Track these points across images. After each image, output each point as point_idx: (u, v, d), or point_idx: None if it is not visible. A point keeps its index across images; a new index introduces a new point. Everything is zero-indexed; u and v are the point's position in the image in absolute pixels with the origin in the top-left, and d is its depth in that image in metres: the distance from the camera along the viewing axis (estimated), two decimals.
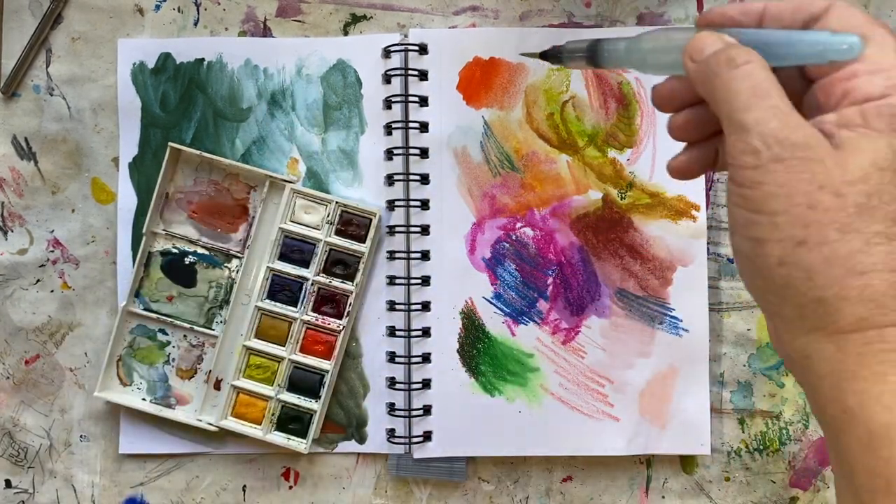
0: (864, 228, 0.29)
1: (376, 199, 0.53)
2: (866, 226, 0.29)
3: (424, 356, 0.53)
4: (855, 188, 0.29)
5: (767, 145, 0.30)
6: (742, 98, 0.31)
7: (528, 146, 0.53)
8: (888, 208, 0.29)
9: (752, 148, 0.30)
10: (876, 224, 0.29)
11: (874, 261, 0.29)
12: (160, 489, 0.54)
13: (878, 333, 0.29)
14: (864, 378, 0.29)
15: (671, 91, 0.36)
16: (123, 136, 0.53)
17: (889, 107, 0.30)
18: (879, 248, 0.29)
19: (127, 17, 0.53)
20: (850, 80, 0.31)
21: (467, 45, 0.53)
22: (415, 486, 0.54)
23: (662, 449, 0.53)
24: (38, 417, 0.54)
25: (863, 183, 0.29)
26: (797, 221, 0.30)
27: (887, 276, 0.29)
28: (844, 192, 0.29)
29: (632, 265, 0.53)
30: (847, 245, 0.29)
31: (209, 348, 0.54)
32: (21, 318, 0.54)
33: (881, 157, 0.30)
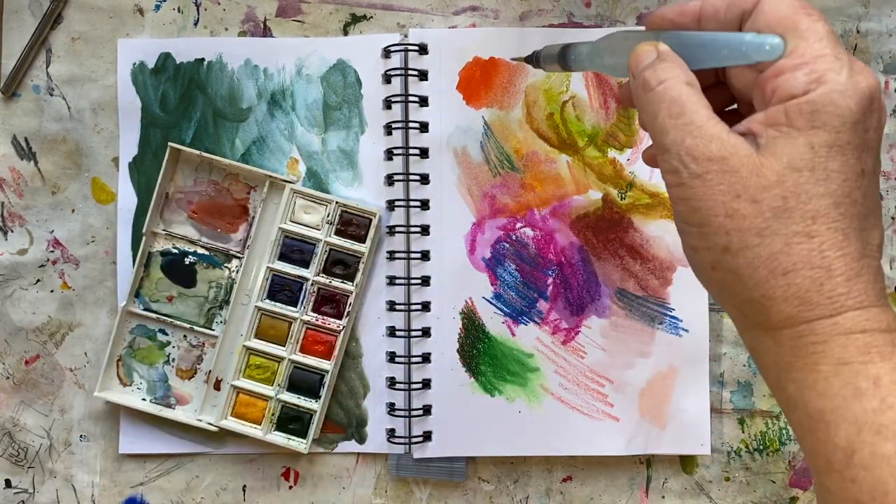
0: (782, 230, 0.30)
1: (376, 199, 0.53)
2: (784, 227, 0.30)
3: (424, 356, 0.53)
4: (770, 193, 0.30)
5: (684, 164, 0.31)
6: (658, 121, 0.32)
7: (528, 146, 0.53)
8: (806, 207, 0.30)
9: (672, 167, 0.32)
10: (794, 224, 0.30)
11: (794, 260, 0.30)
12: (160, 489, 0.54)
13: (807, 327, 0.31)
14: (800, 368, 0.31)
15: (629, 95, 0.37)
16: (123, 136, 0.53)
17: (809, 104, 0.30)
18: (800, 247, 0.30)
19: (127, 17, 0.53)
20: (777, 78, 0.31)
21: (467, 45, 0.53)
22: (415, 486, 0.54)
23: (662, 449, 0.53)
24: (38, 417, 0.54)
25: (778, 187, 0.30)
26: (719, 231, 0.31)
27: (809, 273, 0.30)
28: (760, 198, 0.30)
29: (632, 265, 0.53)
30: (767, 248, 0.31)
31: (209, 348, 0.54)
32: (21, 318, 0.54)
33: (797, 158, 0.30)
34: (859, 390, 0.30)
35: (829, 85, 0.30)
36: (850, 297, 0.30)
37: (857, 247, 0.31)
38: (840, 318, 0.30)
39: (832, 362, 0.30)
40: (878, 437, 0.29)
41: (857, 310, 0.30)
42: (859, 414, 0.30)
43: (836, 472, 0.30)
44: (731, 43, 0.32)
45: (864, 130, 0.31)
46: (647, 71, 0.33)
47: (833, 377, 0.30)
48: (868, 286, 0.31)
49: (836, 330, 0.30)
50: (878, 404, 0.29)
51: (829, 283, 0.30)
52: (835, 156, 0.30)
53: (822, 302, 0.30)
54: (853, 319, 0.30)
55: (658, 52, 0.34)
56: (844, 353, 0.30)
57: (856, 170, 0.31)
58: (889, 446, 0.29)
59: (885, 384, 0.30)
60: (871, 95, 0.31)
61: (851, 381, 0.30)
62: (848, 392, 0.30)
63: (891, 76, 0.53)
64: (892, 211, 0.53)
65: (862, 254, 0.31)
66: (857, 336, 0.30)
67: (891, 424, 0.29)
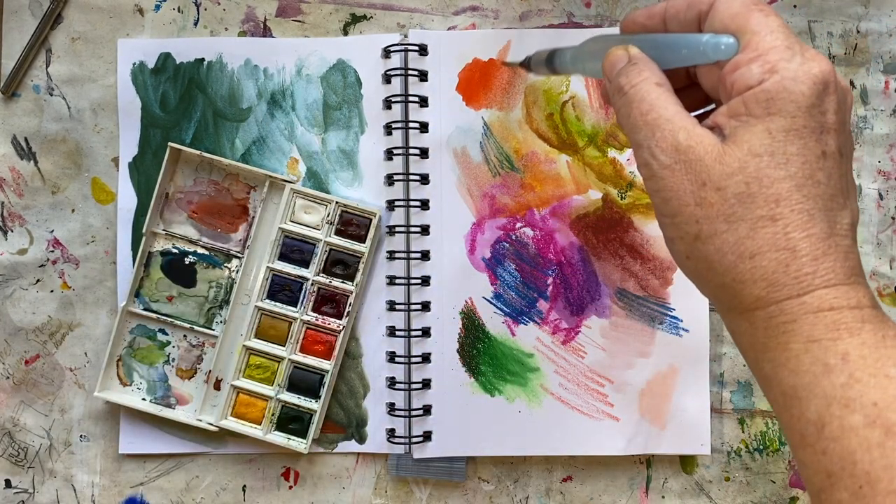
0: (747, 215, 0.32)
1: (376, 199, 0.53)
2: (749, 212, 0.32)
3: (424, 356, 0.53)
4: (733, 179, 0.32)
5: (654, 156, 0.33)
6: (630, 120, 0.34)
7: (527, 146, 0.53)
8: (769, 191, 0.31)
9: (644, 161, 0.33)
10: (758, 209, 0.31)
11: (760, 244, 0.32)
12: (160, 489, 0.54)
13: (777, 308, 0.32)
14: (772, 348, 0.32)
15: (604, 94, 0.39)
16: (123, 136, 0.53)
17: (764, 92, 0.31)
18: (764, 230, 0.31)
19: (127, 17, 0.53)
20: (734, 72, 0.32)
21: (467, 45, 0.53)
22: (415, 486, 0.54)
23: (662, 449, 0.53)
24: (38, 417, 0.54)
25: (740, 173, 0.31)
26: (690, 219, 0.33)
27: (775, 256, 0.31)
28: (724, 186, 0.32)
29: (632, 265, 0.53)
30: (735, 233, 0.32)
31: (209, 348, 0.54)
32: (21, 318, 0.54)
33: (757, 144, 0.31)
34: (828, 366, 0.31)
35: (781, 73, 0.31)
36: (817, 276, 0.31)
37: (823, 227, 0.32)
38: (808, 297, 0.31)
39: (802, 340, 0.31)
40: (845, 409, 0.30)
41: (824, 288, 0.31)
42: (828, 389, 0.31)
43: (809, 446, 0.31)
44: (690, 43, 0.34)
45: (821, 113, 0.32)
46: (620, 77, 0.35)
47: (803, 354, 0.31)
48: (836, 264, 0.31)
49: (803, 309, 0.31)
50: (845, 379, 0.30)
51: (794, 264, 0.31)
52: (793, 139, 0.31)
53: (788, 283, 0.31)
54: (821, 298, 0.31)
55: (629, 56, 0.35)
56: (813, 330, 0.31)
57: (815, 152, 0.32)
58: (856, 418, 0.30)
59: (852, 359, 0.31)
60: (825, 80, 0.32)
61: (820, 358, 0.31)
62: (817, 368, 0.31)
63: (891, 76, 0.53)
64: (892, 211, 0.53)
65: (829, 233, 0.32)
66: (826, 314, 0.31)
67: (858, 397, 0.30)
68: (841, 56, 0.53)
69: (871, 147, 0.53)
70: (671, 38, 0.35)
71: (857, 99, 0.53)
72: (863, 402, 0.30)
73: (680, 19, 0.35)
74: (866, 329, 0.31)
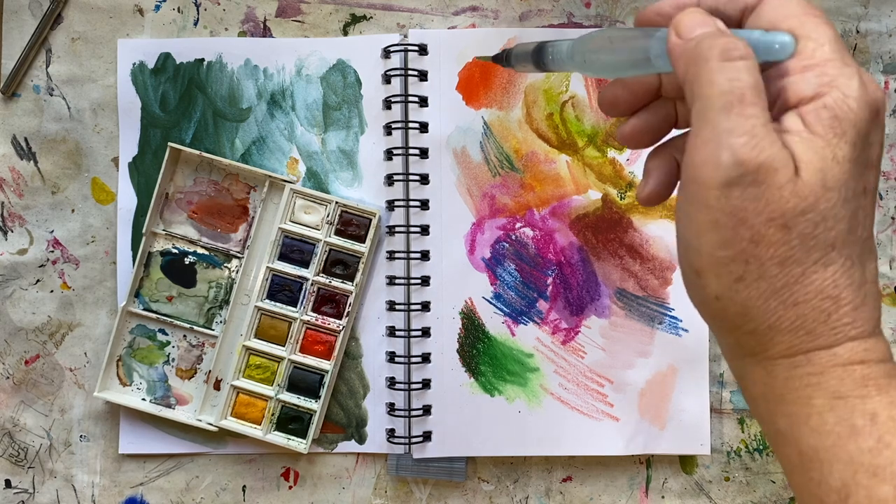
0: (804, 259, 0.28)
1: (376, 199, 0.53)
2: (806, 256, 0.28)
3: (424, 356, 0.53)
4: (804, 217, 0.28)
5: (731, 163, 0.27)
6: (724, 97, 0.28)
7: (527, 146, 0.53)
8: (829, 234, 0.28)
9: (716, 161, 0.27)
10: (815, 253, 0.28)
11: (808, 290, 0.28)
12: (160, 489, 0.54)
13: (805, 358, 0.29)
14: (791, 402, 0.29)
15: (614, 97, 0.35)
16: (123, 136, 0.53)
17: (826, 109, 0.28)
18: (815, 276, 0.28)
19: (127, 17, 0.53)
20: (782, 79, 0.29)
21: (467, 45, 0.53)
22: (415, 486, 0.54)
23: (662, 449, 0.53)
24: (38, 417, 0.54)
25: (813, 211, 0.28)
26: (739, 256, 0.28)
27: (818, 304, 0.28)
28: (792, 224, 0.28)
29: (631, 265, 0.53)
30: (785, 278, 0.28)
31: (209, 348, 0.54)
32: (21, 318, 0.54)
33: (830, 175, 0.28)
34: (855, 428, 0.28)
35: (843, 91, 0.28)
36: (853, 327, 0.29)
37: (861, 273, 0.29)
38: (839, 348, 0.29)
39: (827, 396, 0.29)
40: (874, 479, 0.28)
41: (856, 340, 0.29)
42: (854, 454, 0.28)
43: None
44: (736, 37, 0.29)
45: (870, 145, 0.29)
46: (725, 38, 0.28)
47: (827, 412, 0.29)
48: (870, 314, 0.29)
49: (833, 361, 0.29)
50: (874, 443, 0.28)
51: (836, 314, 0.29)
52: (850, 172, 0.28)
53: (824, 332, 0.29)
54: (852, 350, 0.29)
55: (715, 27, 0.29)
56: (840, 386, 0.29)
57: (859, 189, 0.28)
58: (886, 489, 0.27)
59: (881, 421, 0.28)
60: (879, 108, 0.28)
61: (847, 418, 0.28)
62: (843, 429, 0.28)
63: (891, 76, 0.53)
64: (892, 211, 0.53)
65: (863, 280, 0.29)
66: (855, 368, 0.29)
67: (887, 465, 0.27)
68: None
69: None
70: None
71: None
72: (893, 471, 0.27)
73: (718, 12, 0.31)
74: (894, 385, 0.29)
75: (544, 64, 0.38)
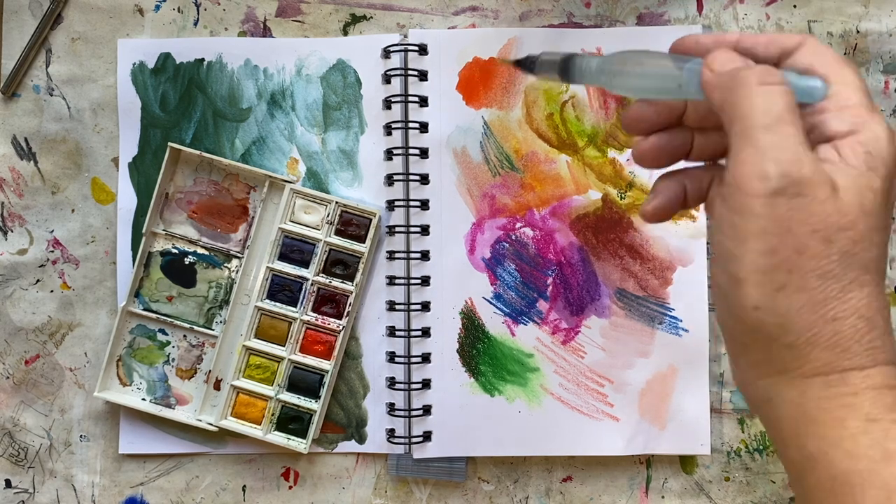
0: (842, 275, 0.29)
1: (376, 199, 0.53)
2: (845, 273, 0.29)
3: (424, 356, 0.53)
4: (845, 234, 0.29)
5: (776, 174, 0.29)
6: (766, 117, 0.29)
7: (527, 146, 0.53)
8: (867, 255, 0.30)
9: (762, 172, 0.29)
10: (853, 271, 0.30)
11: (846, 307, 0.29)
12: (160, 489, 0.54)
13: (839, 377, 0.30)
14: (825, 423, 0.30)
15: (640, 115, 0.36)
16: (123, 136, 0.53)
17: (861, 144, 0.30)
18: (852, 294, 0.30)
19: (127, 17, 0.53)
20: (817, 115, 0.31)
21: (467, 45, 0.53)
22: (415, 486, 0.54)
23: (662, 449, 0.53)
24: (38, 417, 0.54)
25: (852, 229, 0.29)
26: (782, 265, 0.29)
27: (854, 322, 0.30)
28: (834, 239, 0.29)
29: (631, 265, 0.53)
30: (824, 292, 0.29)
31: (209, 348, 0.54)
32: (21, 318, 0.54)
33: (868, 202, 0.30)
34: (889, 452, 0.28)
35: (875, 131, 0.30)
36: (884, 351, 0.30)
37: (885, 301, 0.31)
38: (874, 370, 0.30)
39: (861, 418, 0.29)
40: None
41: (888, 364, 0.30)
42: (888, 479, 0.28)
43: None
44: None
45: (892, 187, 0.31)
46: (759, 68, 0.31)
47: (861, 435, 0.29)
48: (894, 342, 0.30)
49: (867, 383, 0.29)
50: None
51: (870, 335, 0.30)
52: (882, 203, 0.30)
53: (860, 352, 0.30)
54: (885, 374, 0.30)
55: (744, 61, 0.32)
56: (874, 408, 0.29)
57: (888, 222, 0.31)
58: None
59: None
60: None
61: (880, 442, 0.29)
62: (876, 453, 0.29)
63: (891, 76, 0.53)
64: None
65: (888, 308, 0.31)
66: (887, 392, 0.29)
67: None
68: None
69: None
70: None
71: None
72: None
73: (757, 53, 0.33)
74: None
75: (570, 76, 0.38)
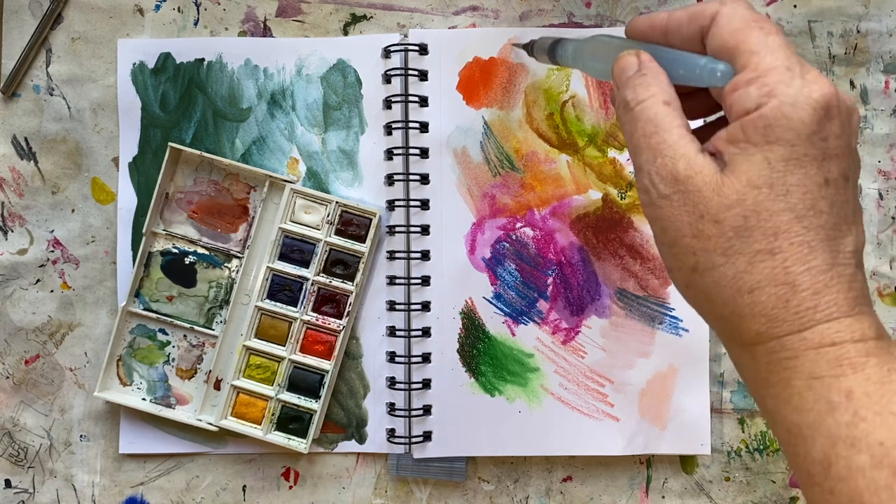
0: (745, 249, 0.31)
1: (376, 199, 0.53)
2: (747, 246, 0.31)
3: (424, 356, 0.53)
4: (731, 212, 0.31)
5: (654, 183, 0.32)
6: (634, 140, 0.33)
7: (528, 146, 0.53)
8: (767, 225, 0.30)
9: (643, 186, 0.32)
10: (756, 243, 0.31)
11: (758, 278, 0.31)
12: (160, 489, 0.54)
13: (777, 343, 0.31)
14: (774, 384, 0.32)
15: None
16: (123, 136, 0.53)
17: (762, 118, 0.30)
18: (763, 265, 0.31)
19: (127, 17, 0.53)
20: (733, 94, 0.31)
21: (467, 45, 0.53)
22: (415, 486, 0.54)
23: (662, 449, 0.53)
24: (38, 417, 0.54)
25: (738, 206, 0.31)
26: (687, 251, 0.32)
27: (774, 291, 0.31)
28: (722, 218, 0.31)
29: (632, 265, 0.53)
30: (732, 267, 0.31)
31: (209, 348, 0.54)
32: (21, 318, 0.54)
33: (756, 175, 0.30)
34: (832, 404, 0.30)
35: (780, 98, 0.30)
36: (818, 311, 0.30)
37: (825, 258, 0.31)
38: (808, 332, 0.31)
39: (804, 377, 0.31)
40: (851, 449, 0.29)
41: (826, 322, 0.30)
42: (833, 428, 0.30)
43: (817, 485, 0.30)
44: (687, 64, 0.33)
45: (823, 140, 0.30)
46: (627, 90, 0.33)
47: (806, 392, 0.31)
48: (839, 296, 0.31)
49: (804, 345, 0.31)
50: (850, 417, 0.30)
51: (794, 299, 0.30)
52: (792, 169, 0.30)
53: (788, 318, 0.31)
54: (822, 333, 0.30)
55: (640, 64, 0.34)
56: (815, 367, 0.30)
57: (817, 181, 0.31)
58: (862, 458, 0.29)
59: (857, 397, 0.30)
60: (826, 104, 0.30)
61: (824, 396, 0.30)
62: (821, 406, 0.30)
63: (891, 76, 0.53)
64: (892, 211, 0.53)
65: (831, 264, 0.31)
66: (828, 349, 0.30)
67: (863, 437, 0.29)
68: (841, 56, 0.53)
69: (871, 147, 0.53)
70: (669, 55, 0.33)
71: (857, 99, 0.53)
72: (868, 442, 0.29)
73: (682, 33, 0.34)
74: (871, 363, 0.30)
75: (557, 59, 0.41)
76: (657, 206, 0.32)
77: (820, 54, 0.53)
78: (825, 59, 0.53)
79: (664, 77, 0.33)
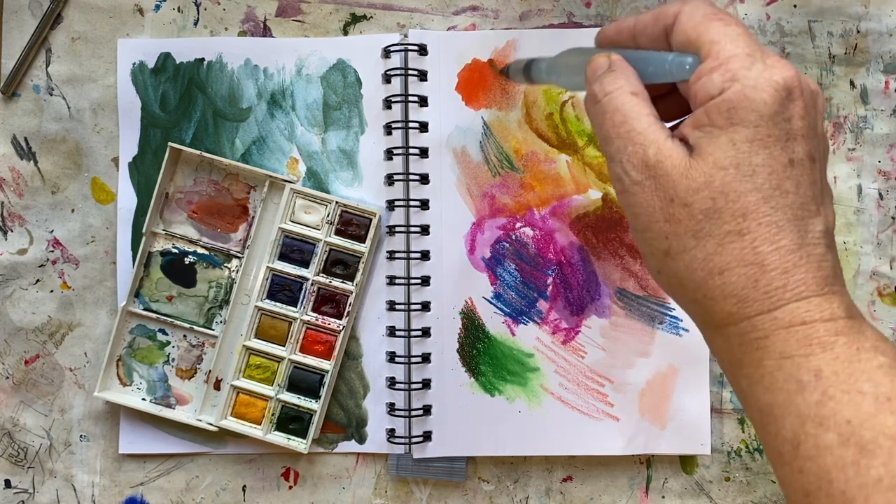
0: (714, 231, 0.31)
1: (376, 199, 0.53)
2: (716, 228, 0.31)
3: (424, 356, 0.53)
4: (700, 195, 0.31)
5: (626, 171, 0.33)
6: (603, 131, 0.34)
7: (527, 146, 0.53)
8: (735, 206, 0.31)
9: (616, 175, 0.33)
10: (725, 224, 0.31)
11: (728, 259, 0.31)
12: (160, 489, 0.54)
13: (748, 324, 0.32)
14: (746, 364, 0.32)
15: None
16: (123, 136, 0.53)
17: (725, 102, 0.31)
18: (732, 246, 0.31)
19: (127, 17, 0.53)
20: (696, 83, 0.32)
21: (467, 45, 0.53)
22: (415, 486, 0.54)
23: (662, 449, 0.53)
24: (38, 417, 0.54)
25: (706, 188, 0.31)
26: (659, 235, 0.33)
27: (744, 271, 0.31)
28: (690, 201, 0.31)
29: (632, 265, 0.53)
30: (703, 250, 0.32)
31: (209, 348, 0.54)
32: (21, 318, 0.54)
33: (722, 157, 0.31)
34: (801, 383, 0.31)
35: (742, 81, 0.31)
36: (787, 290, 0.31)
37: (794, 237, 0.31)
38: (778, 311, 0.31)
39: (775, 357, 0.31)
40: (819, 428, 0.30)
41: (795, 301, 0.31)
42: (802, 407, 0.30)
43: (787, 465, 0.31)
44: (656, 62, 0.34)
45: (786, 120, 0.31)
46: (595, 84, 0.34)
47: (777, 371, 0.31)
48: (808, 276, 0.31)
49: (775, 324, 0.31)
50: (819, 396, 0.30)
51: (763, 279, 0.31)
52: (757, 150, 0.31)
53: (758, 298, 0.31)
54: (792, 312, 0.31)
55: (610, 63, 0.35)
56: (785, 346, 0.31)
57: (782, 161, 0.31)
58: (830, 436, 0.30)
59: (825, 376, 0.30)
60: (788, 86, 0.31)
61: (794, 375, 0.31)
62: (791, 386, 0.31)
63: (891, 76, 0.53)
64: (892, 211, 0.53)
65: (800, 244, 0.31)
66: (797, 329, 0.31)
67: (831, 416, 0.30)
68: (841, 56, 0.53)
69: (871, 147, 0.53)
70: (638, 56, 0.35)
71: (857, 99, 0.53)
72: (836, 421, 0.30)
73: (648, 34, 0.35)
74: (840, 343, 0.31)
75: (532, 79, 0.42)
76: (630, 192, 0.33)
77: (820, 54, 0.53)
78: (825, 59, 0.53)
79: (632, 72, 0.34)
